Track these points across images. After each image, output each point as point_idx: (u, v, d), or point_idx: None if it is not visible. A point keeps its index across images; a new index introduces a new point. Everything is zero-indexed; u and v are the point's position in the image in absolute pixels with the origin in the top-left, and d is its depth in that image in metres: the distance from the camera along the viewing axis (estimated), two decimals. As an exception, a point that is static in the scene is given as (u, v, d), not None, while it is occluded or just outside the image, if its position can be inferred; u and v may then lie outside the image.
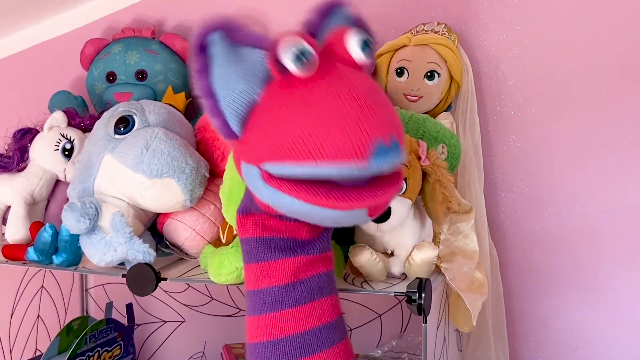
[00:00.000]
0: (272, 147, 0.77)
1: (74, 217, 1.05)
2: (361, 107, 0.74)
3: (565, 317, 1.36)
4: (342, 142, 0.73)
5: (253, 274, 0.88)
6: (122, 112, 1.14)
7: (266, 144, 0.78)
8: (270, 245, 0.87)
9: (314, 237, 0.88)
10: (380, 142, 0.73)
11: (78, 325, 1.55)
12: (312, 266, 0.88)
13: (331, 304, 0.89)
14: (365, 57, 0.80)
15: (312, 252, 0.88)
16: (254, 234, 0.87)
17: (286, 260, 0.87)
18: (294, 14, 1.47)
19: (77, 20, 1.66)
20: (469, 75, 1.33)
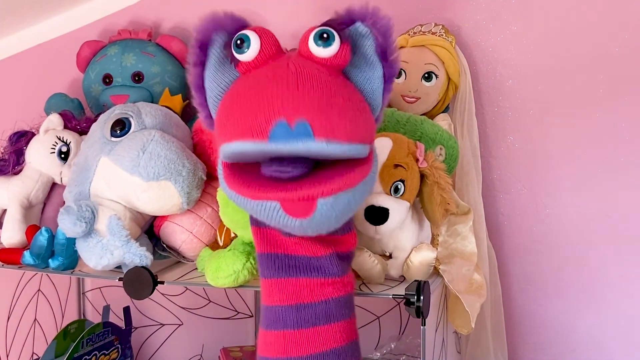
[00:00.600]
0: (215, 131, 0.83)
1: (70, 220, 1.04)
2: (276, 88, 0.75)
3: (564, 318, 1.36)
4: (244, 120, 0.75)
5: (263, 289, 0.90)
6: (118, 115, 1.13)
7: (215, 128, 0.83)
8: (275, 262, 0.87)
9: (318, 257, 0.87)
10: (281, 122, 0.73)
11: (75, 329, 1.54)
12: (318, 290, 0.87)
13: (340, 330, 0.88)
14: (319, 49, 0.79)
15: (317, 275, 0.87)
16: (259, 249, 0.89)
17: (289, 280, 0.87)
18: (292, 17, 1.49)
19: (73, 23, 1.66)
20: (466, 76, 1.32)
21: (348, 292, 0.90)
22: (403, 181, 1.02)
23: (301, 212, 0.76)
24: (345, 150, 0.75)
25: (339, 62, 0.81)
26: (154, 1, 1.61)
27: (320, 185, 0.75)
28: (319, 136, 0.73)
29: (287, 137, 0.73)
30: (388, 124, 1.18)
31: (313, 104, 0.75)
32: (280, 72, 0.78)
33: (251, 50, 0.80)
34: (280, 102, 0.74)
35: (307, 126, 0.73)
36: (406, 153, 1.04)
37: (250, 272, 1.01)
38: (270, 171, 0.77)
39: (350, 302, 0.91)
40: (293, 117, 0.73)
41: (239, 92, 0.80)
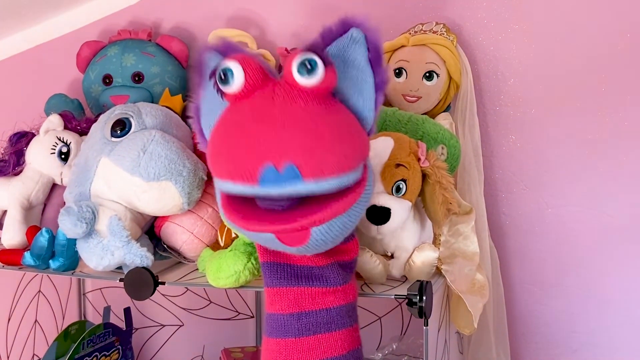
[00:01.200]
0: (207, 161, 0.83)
1: (71, 221, 1.04)
2: (261, 129, 0.75)
3: (566, 318, 1.36)
4: (234, 163, 0.76)
5: (266, 297, 0.90)
6: (118, 115, 1.13)
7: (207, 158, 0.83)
8: (277, 271, 0.88)
9: (320, 266, 0.88)
10: (270, 167, 0.73)
11: (76, 330, 1.53)
12: (319, 299, 0.88)
13: (341, 338, 0.88)
14: (303, 79, 0.78)
15: (319, 284, 0.88)
16: (262, 257, 0.90)
17: (290, 289, 0.88)
18: (290, 16, 1.49)
19: (73, 23, 1.65)
20: (468, 75, 1.32)
21: (350, 300, 0.90)
22: (405, 181, 1.02)
23: (296, 241, 0.79)
24: (336, 184, 0.76)
25: (325, 87, 0.80)
26: (154, 1, 1.60)
27: (313, 215, 0.76)
28: (307, 177, 0.74)
29: (275, 181, 0.74)
30: (389, 123, 1.18)
31: (299, 145, 0.75)
32: (265, 110, 0.77)
33: (235, 82, 0.80)
34: (267, 145, 0.74)
35: (295, 169, 0.73)
36: (408, 152, 1.04)
37: (252, 272, 1.00)
38: (265, 204, 0.79)
39: (352, 311, 0.91)
40: (280, 160, 0.73)
41: (226, 129, 0.80)
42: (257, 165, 0.74)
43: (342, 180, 0.77)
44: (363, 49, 0.84)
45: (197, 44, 1.55)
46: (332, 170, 0.75)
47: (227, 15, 1.54)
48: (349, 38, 0.84)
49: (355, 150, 0.80)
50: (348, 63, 0.84)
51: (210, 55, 0.87)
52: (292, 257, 0.88)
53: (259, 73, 0.80)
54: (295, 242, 0.79)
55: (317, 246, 0.80)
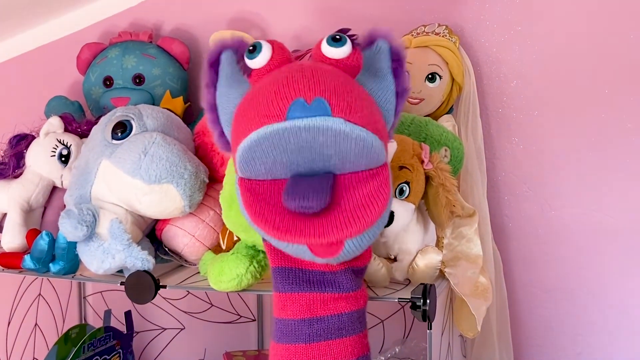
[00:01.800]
0: (232, 139, 0.83)
1: (71, 224, 1.03)
2: (292, 77, 0.77)
3: (569, 321, 1.35)
4: (264, 105, 0.76)
5: (276, 302, 0.89)
6: (119, 117, 1.12)
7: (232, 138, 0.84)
8: (289, 276, 0.87)
9: (333, 272, 0.87)
10: (299, 99, 0.74)
11: (76, 334, 1.53)
12: (331, 304, 0.87)
13: (352, 344, 0.87)
14: (332, 50, 0.82)
15: (331, 290, 0.87)
16: (273, 262, 0.89)
17: (302, 295, 0.87)
18: (291, 18, 1.48)
19: (74, 25, 1.65)
20: (470, 77, 1.31)
21: (361, 306, 0.90)
22: (408, 183, 1.01)
23: (329, 253, 0.79)
24: (364, 136, 0.76)
25: (352, 64, 0.83)
26: (155, 3, 1.60)
27: (348, 227, 0.76)
28: (336, 113, 0.75)
29: (304, 112, 0.74)
30: (392, 125, 1.17)
31: (330, 86, 0.76)
32: (295, 67, 0.80)
33: (262, 55, 0.82)
34: (297, 83, 0.76)
35: (324, 102, 0.75)
36: (411, 155, 1.03)
37: (254, 275, 1.00)
38: (294, 206, 0.77)
39: (362, 317, 0.90)
40: (310, 95, 0.74)
41: (252, 93, 0.81)
42: (285, 102, 0.75)
43: (370, 137, 0.77)
44: (387, 58, 0.86)
45: (198, 46, 1.55)
46: (360, 117, 0.76)
47: (228, 17, 1.53)
48: (376, 48, 0.87)
49: (380, 123, 0.81)
50: (372, 70, 0.86)
51: (227, 54, 0.87)
52: (304, 261, 0.87)
53: (286, 52, 0.84)
54: (328, 254, 0.78)
55: (346, 257, 0.80)
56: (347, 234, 0.76)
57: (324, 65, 0.82)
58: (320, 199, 0.76)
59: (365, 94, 0.82)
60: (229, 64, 0.87)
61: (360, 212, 0.77)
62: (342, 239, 0.76)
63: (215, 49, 0.87)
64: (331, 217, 0.77)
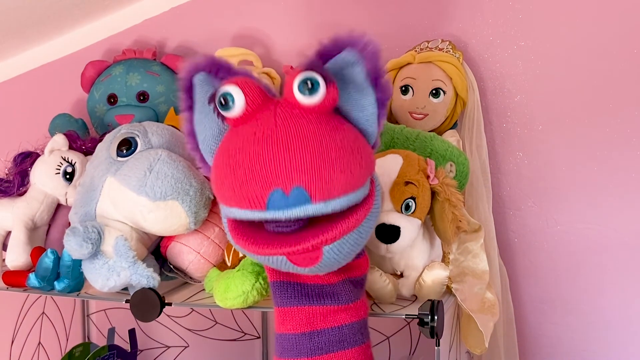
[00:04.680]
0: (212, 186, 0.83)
1: (76, 241, 1.03)
2: (267, 152, 0.74)
3: (578, 336, 1.34)
4: (240, 190, 0.75)
5: (276, 317, 0.89)
6: (124, 134, 1.12)
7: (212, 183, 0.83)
8: (287, 290, 0.87)
9: (331, 284, 0.87)
10: (277, 191, 0.73)
11: (80, 352, 1.52)
12: (331, 317, 0.87)
13: (354, 356, 0.87)
14: (305, 98, 0.77)
15: (330, 302, 0.87)
16: (271, 277, 0.89)
17: (301, 308, 0.87)
18: (295, 34, 1.48)
19: (78, 43, 1.65)
20: (474, 92, 1.31)
21: (362, 317, 0.89)
22: (414, 198, 1.01)
23: (308, 262, 0.78)
24: (344, 203, 0.76)
25: (328, 105, 0.78)
26: (159, 21, 1.61)
27: (323, 233, 0.76)
28: (315, 199, 0.74)
29: (284, 205, 0.74)
30: (397, 140, 1.17)
31: (305, 168, 0.74)
32: (268, 132, 0.76)
33: (236, 107, 0.78)
34: (273, 170, 0.74)
35: (304, 192, 0.73)
36: (417, 170, 1.03)
37: (260, 292, 0.99)
38: (272, 227, 0.78)
39: (364, 328, 0.90)
40: (288, 185, 0.73)
41: (229, 155, 0.78)
42: (264, 191, 0.73)
43: (350, 198, 0.77)
44: (360, 68, 0.80)
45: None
46: (340, 190, 0.75)
47: (232, 34, 1.54)
48: (343, 60, 0.80)
49: (362, 167, 0.79)
50: (346, 80, 0.82)
51: (200, 77, 0.85)
52: (303, 275, 0.87)
53: (260, 95, 0.79)
54: (307, 263, 0.78)
55: (329, 265, 0.80)
56: (322, 239, 0.75)
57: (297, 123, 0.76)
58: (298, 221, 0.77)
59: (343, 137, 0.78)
60: (202, 88, 0.85)
61: (337, 220, 0.76)
62: (318, 245, 0.76)
63: (186, 73, 0.86)
64: (308, 228, 0.77)
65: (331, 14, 1.47)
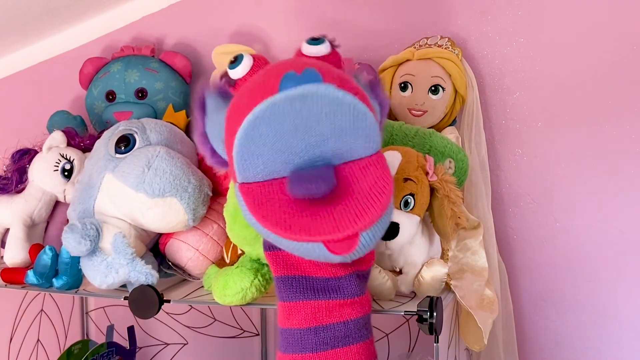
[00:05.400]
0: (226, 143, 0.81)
1: (75, 238, 1.03)
2: (278, 62, 0.81)
3: (576, 333, 1.34)
4: (255, 88, 0.77)
5: (280, 312, 0.89)
6: (122, 131, 1.12)
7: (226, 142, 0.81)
8: (292, 285, 0.86)
9: (337, 277, 0.86)
10: (290, 72, 0.75)
11: (79, 350, 1.52)
12: (337, 311, 0.86)
13: (359, 352, 0.86)
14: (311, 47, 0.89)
15: (336, 297, 0.86)
16: (276, 272, 0.88)
17: (307, 302, 0.86)
18: (293, 31, 1.48)
19: (76, 39, 1.65)
20: (473, 89, 1.31)
21: (366, 312, 0.89)
22: (413, 195, 1.01)
23: (344, 249, 0.75)
24: (357, 103, 0.75)
25: (333, 60, 0.87)
26: (157, 17, 1.60)
27: (362, 217, 0.74)
28: (328, 80, 0.75)
29: (296, 82, 0.74)
30: (396, 137, 1.17)
31: (319, 62, 0.79)
32: (280, 61, 0.83)
33: (243, 64, 0.88)
34: (286, 63, 0.79)
35: (315, 71, 0.75)
36: (415, 166, 1.03)
37: (258, 289, 0.99)
38: (301, 192, 0.75)
39: (368, 323, 0.90)
40: (300, 67, 0.76)
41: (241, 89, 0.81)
42: (277, 76, 0.75)
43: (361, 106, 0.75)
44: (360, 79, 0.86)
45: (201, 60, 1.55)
46: (351, 87, 0.77)
47: (230, 31, 1.54)
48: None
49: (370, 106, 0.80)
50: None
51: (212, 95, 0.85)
52: (308, 269, 0.86)
53: (266, 60, 0.88)
54: (344, 250, 0.75)
55: (362, 252, 0.76)
56: (361, 225, 0.73)
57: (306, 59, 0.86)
58: (327, 181, 0.75)
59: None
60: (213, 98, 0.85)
61: (370, 202, 0.74)
62: (357, 230, 0.74)
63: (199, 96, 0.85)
64: (343, 209, 0.75)
65: (330, 11, 1.46)
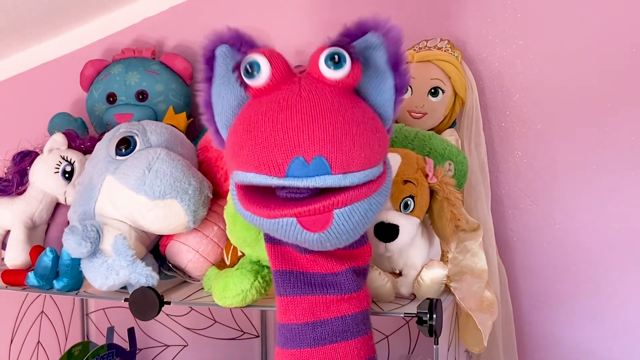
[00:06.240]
0: (227, 155, 0.82)
1: (75, 240, 1.03)
2: (290, 122, 0.75)
3: (577, 335, 1.34)
4: (260, 154, 0.75)
5: (278, 307, 0.89)
6: (123, 133, 1.12)
7: (226, 152, 0.82)
8: (290, 279, 0.87)
9: (334, 273, 0.86)
10: (299, 158, 0.73)
11: (79, 351, 1.52)
12: (334, 307, 0.86)
13: (357, 347, 0.87)
14: (330, 72, 0.78)
15: (333, 292, 0.86)
16: (274, 266, 0.88)
17: (304, 298, 0.86)
18: (294, 33, 1.48)
19: (77, 42, 1.65)
20: (473, 91, 1.32)
21: (364, 307, 0.89)
22: (413, 197, 1.01)
23: (318, 226, 0.76)
24: (362, 178, 0.76)
25: (351, 83, 0.79)
26: (158, 20, 1.61)
27: (336, 196, 0.75)
28: (336, 171, 0.74)
29: (304, 173, 0.74)
30: (396, 139, 1.17)
31: (328, 138, 0.74)
32: (293, 101, 0.76)
33: (262, 75, 0.78)
34: (296, 137, 0.74)
35: (324, 161, 0.74)
36: (415, 169, 1.03)
37: (259, 291, 0.99)
38: (285, 193, 0.78)
39: (366, 318, 0.90)
40: (310, 153, 0.73)
41: (251, 121, 0.78)
42: (285, 158, 0.74)
43: (367, 174, 0.76)
44: (382, 52, 0.81)
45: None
46: (359, 164, 0.76)
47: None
48: (367, 43, 0.81)
49: (380, 146, 0.80)
50: (368, 63, 0.82)
51: (222, 49, 0.84)
52: (306, 264, 0.87)
53: (285, 67, 0.80)
54: (317, 227, 0.76)
55: (338, 233, 0.77)
56: (335, 202, 0.75)
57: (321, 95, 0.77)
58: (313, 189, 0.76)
59: (363, 115, 0.79)
60: (224, 61, 0.84)
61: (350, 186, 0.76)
62: (329, 206, 0.75)
63: (210, 43, 0.85)
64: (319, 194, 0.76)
65: (331, 13, 1.47)
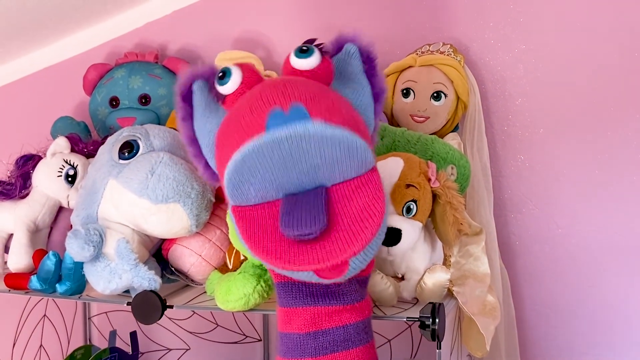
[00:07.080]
0: (218, 167, 0.82)
1: (78, 244, 1.03)
2: (265, 89, 0.77)
3: (578, 339, 1.34)
4: (242, 123, 0.75)
5: (280, 317, 0.89)
6: (126, 137, 1.12)
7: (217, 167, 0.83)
8: (292, 291, 0.86)
9: (337, 284, 0.86)
10: (276, 108, 0.73)
11: (81, 355, 1.52)
12: (336, 316, 0.86)
13: (359, 356, 0.86)
14: (300, 61, 0.82)
15: (336, 303, 0.86)
16: (276, 278, 0.88)
17: (306, 309, 0.86)
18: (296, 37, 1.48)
19: (80, 46, 1.66)
20: (475, 95, 1.32)
21: (366, 316, 0.89)
22: (415, 201, 1.01)
23: (335, 274, 0.77)
24: (346, 135, 0.73)
25: (322, 73, 0.83)
26: (161, 24, 1.61)
27: (350, 246, 0.74)
28: (315, 116, 0.73)
29: (283, 120, 0.72)
30: (399, 143, 1.17)
31: (305, 92, 0.76)
32: (267, 82, 0.80)
33: (233, 80, 0.82)
34: (271, 95, 0.75)
35: (302, 107, 0.73)
36: (418, 173, 1.03)
37: (261, 295, 0.99)
38: (293, 235, 0.75)
39: (368, 327, 0.89)
40: (286, 102, 0.74)
41: (229, 116, 0.80)
42: (262, 113, 0.74)
43: (353, 138, 0.74)
44: (358, 61, 0.87)
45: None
46: (340, 118, 0.75)
47: (233, 37, 1.54)
48: (345, 53, 0.87)
49: (361, 124, 0.80)
50: (346, 76, 0.87)
51: (199, 83, 0.86)
52: None
53: (256, 74, 0.83)
54: (334, 275, 0.76)
55: (352, 274, 0.78)
56: (350, 253, 0.74)
57: (296, 77, 0.82)
58: (318, 222, 0.74)
59: (343, 99, 0.82)
60: (202, 94, 0.86)
61: (360, 227, 0.75)
62: (346, 258, 0.74)
63: (185, 80, 0.87)
64: (332, 239, 0.75)
65: (333, 17, 1.47)
